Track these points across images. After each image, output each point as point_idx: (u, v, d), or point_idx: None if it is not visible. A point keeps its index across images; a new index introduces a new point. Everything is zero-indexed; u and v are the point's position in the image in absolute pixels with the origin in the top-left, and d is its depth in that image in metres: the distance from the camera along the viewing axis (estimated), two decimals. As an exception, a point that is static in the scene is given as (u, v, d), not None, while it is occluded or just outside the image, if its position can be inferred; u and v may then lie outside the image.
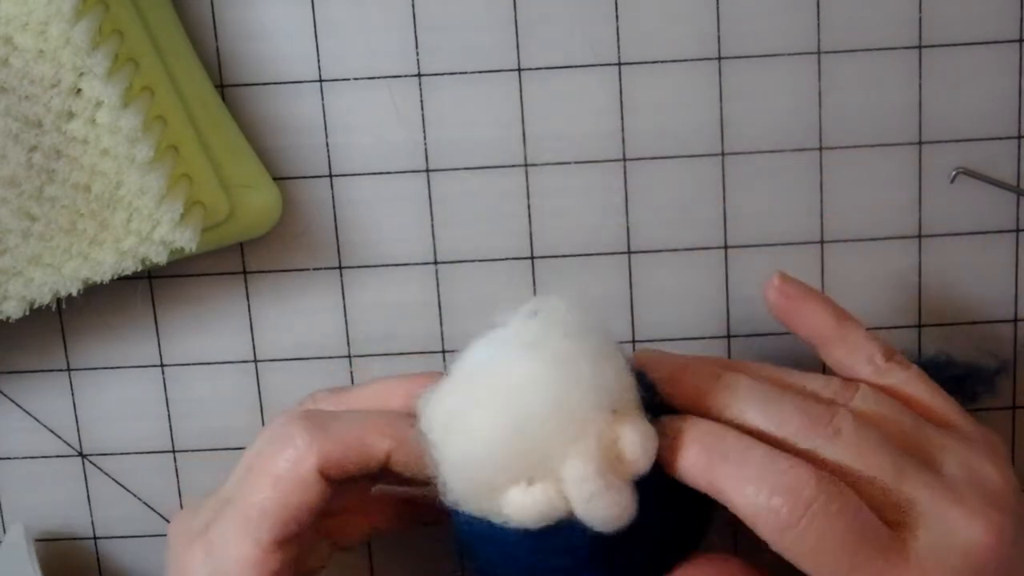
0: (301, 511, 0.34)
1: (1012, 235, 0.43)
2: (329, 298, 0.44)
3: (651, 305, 0.44)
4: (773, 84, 0.42)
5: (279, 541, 0.34)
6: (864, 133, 0.42)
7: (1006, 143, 0.42)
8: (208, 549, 0.35)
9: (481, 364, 0.33)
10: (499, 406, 0.32)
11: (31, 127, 0.38)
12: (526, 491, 0.32)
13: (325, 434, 0.34)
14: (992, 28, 0.41)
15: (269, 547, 0.34)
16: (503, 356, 0.33)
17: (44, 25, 0.37)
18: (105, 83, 0.38)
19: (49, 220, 0.38)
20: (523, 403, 0.31)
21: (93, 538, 0.47)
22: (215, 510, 0.35)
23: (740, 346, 0.44)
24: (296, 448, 0.34)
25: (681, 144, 0.43)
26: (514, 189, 0.43)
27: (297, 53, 0.42)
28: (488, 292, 0.44)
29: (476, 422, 0.32)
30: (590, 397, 0.32)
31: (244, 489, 0.35)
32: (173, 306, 0.45)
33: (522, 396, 0.32)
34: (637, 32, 0.42)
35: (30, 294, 0.39)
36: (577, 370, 0.32)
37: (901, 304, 0.44)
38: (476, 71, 0.42)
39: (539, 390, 0.31)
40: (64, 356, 0.45)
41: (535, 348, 0.32)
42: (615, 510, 0.32)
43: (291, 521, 0.34)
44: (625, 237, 0.44)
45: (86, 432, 0.46)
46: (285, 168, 0.43)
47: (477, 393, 0.32)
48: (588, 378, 0.32)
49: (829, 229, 0.43)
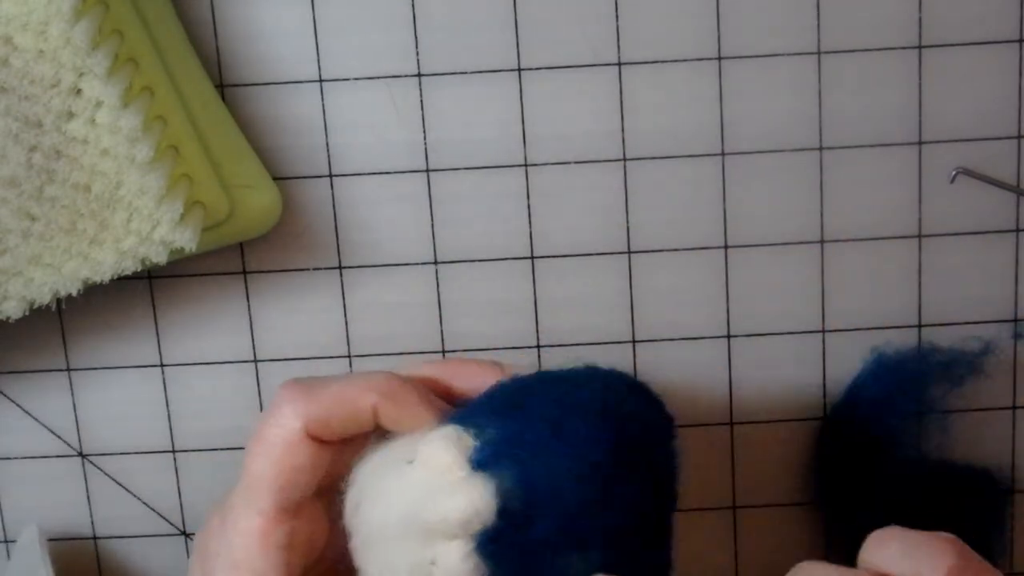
0: (296, 474, 0.34)
1: (1012, 235, 0.43)
2: (329, 298, 0.44)
3: (651, 305, 0.44)
4: (773, 84, 0.42)
5: (281, 509, 0.34)
6: (864, 133, 0.42)
7: (1006, 143, 0.42)
8: (221, 522, 0.35)
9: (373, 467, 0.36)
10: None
11: (31, 127, 0.38)
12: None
13: (308, 396, 0.35)
14: (992, 28, 0.41)
15: (272, 516, 0.34)
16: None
17: (44, 25, 0.37)
18: (105, 83, 0.38)
19: (49, 220, 0.38)
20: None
21: (93, 538, 0.47)
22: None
23: (740, 346, 0.44)
24: (282, 413, 0.35)
25: (681, 144, 0.43)
26: (514, 189, 0.43)
27: (297, 53, 0.42)
28: (488, 292, 0.44)
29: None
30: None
31: (246, 462, 0.35)
32: (173, 306, 0.45)
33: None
34: (637, 32, 0.42)
35: (30, 294, 0.39)
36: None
37: (901, 304, 0.44)
38: (476, 71, 0.42)
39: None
40: (64, 356, 0.45)
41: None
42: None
43: (287, 486, 0.34)
44: (625, 237, 0.44)
45: (86, 432, 0.46)
46: (285, 168, 0.43)
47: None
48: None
49: (829, 229, 0.43)
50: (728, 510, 0.46)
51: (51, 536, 0.47)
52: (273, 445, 0.34)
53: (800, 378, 0.44)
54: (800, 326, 0.44)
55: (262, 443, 0.35)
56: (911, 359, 0.43)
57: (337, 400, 0.35)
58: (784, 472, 0.45)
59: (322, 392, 0.35)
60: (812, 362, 0.44)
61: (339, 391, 0.35)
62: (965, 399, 0.44)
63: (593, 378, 0.36)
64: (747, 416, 0.45)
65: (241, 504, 0.35)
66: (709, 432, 0.45)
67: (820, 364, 0.44)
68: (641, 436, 0.35)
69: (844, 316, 0.44)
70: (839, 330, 0.44)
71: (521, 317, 0.44)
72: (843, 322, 0.44)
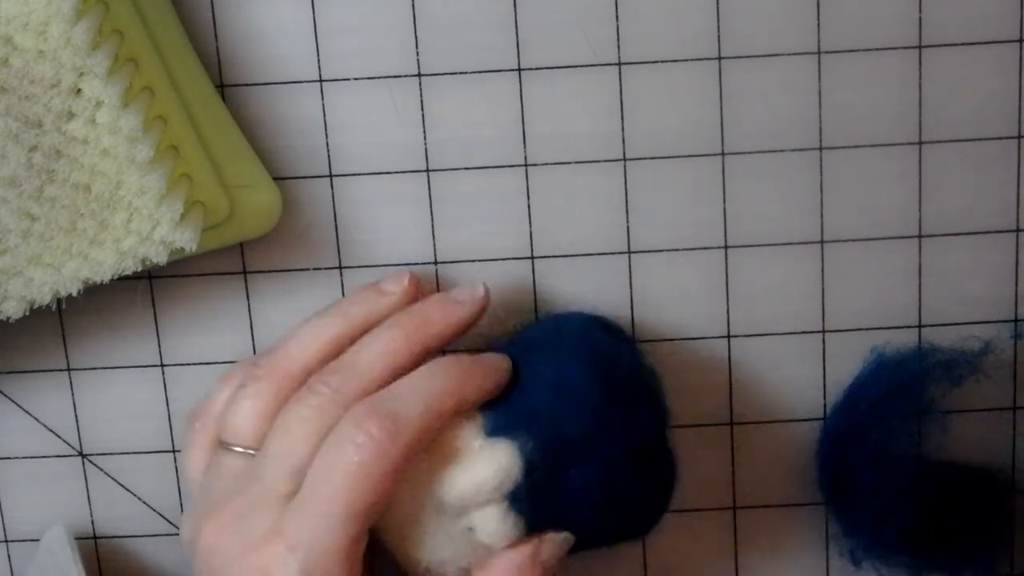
0: (388, 496, 0.36)
1: (1012, 235, 0.43)
2: (329, 298, 0.44)
3: (651, 305, 0.44)
4: (773, 84, 0.42)
5: (364, 530, 0.36)
6: (864, 133, 0.42)
7: (1006, 143, 0.42)
8: (292, 547, 0.35)
9: None
10: None
11: (31, 127, 0.38)
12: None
13: (400, 428, 0.36)
14: (992, 28, 0.41)
15: (357, 537, 0.36)
16: None
17: (44, 25, 0.37)
18: (105, 83, 0.38)
19: (49, 220, 0.38)
20: None
21: (93, 538, 0.47)
22: (274, 510, 0.36)
23: (740, 346, 0.44)
24: (377, 444, 0.35)
25: (681, 144, 0.43)
26: (514, 189, 0.43)
27: (297, 53, 0.42)
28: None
29: None
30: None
31: (317, 487, 0.36)
32: (173, 306, 0.45)
33: None
34: (637, 32, 0.42)
35: (30, 294, 0.39)
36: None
37: (901, 304, 0.44)
38: (476, 71, 0.42)
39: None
40: (64, 356, 0.45)
41: None
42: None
43: (380, 508, 0.36)
44: (625, 237, 0.44)
45: (86, 432, 0.46)
46: (285, 168, 0.43)
47: None
48: None
49: (829, 229, 0.43)
50: (728, 510, 0.46)
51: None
52: (368, 476, 0.35)
53: (800, 378, 0.44)
54: (800, 326, 0.44)
55: (349, 472, 0.35)
56: (911, 359, 0.43)
57: (428, 421, 0.36)
58: (784, 472, 0.45)
59: (411, 420, 0.36)
60: (812, 362, 0.44)
61: (426, 412, 0.36)
62: (965, 399, 0.44)
63: (570, 333, 0.41)
64: (747, 416, 0.45)
65: (322, 527, 0.35)
66: (709, 432, 0.45)
67: (820, 364, 0.44)
68: (624, 371, 0.40)
69: (844, 316, 0.44)
70: (839, 330, 0.44)
71: (521, 317, 0.44)
72: (843, 322, 0.44)
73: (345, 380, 0.38)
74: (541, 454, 0.38)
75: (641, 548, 0.46)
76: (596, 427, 0.38)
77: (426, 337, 0.39)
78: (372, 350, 0.39)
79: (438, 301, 0.41)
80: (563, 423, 0.38)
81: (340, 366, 0.39)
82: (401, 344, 0.39)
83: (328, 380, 0.38)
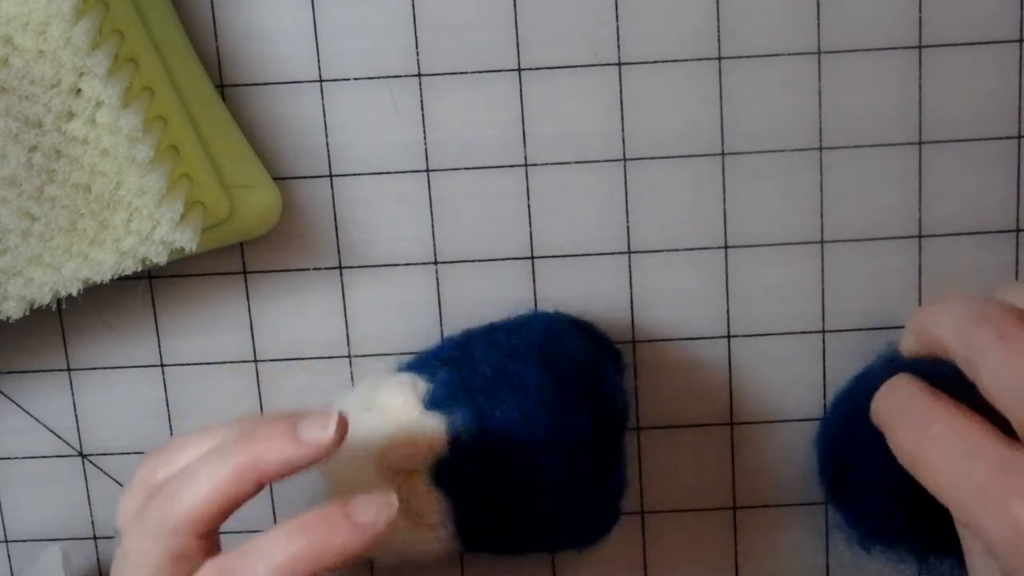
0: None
1: (1012, 235, 0.43)
2: (329, 298, 0.44)
3: (651, 305, 0.44)
4: (773, 84, 0.42)
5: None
6: (864, 133, 0.42)
7: (1006, 143, 0.42)
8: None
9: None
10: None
11: (31, 127, 0.38)
12: None
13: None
14: (992, 28, 0.41)
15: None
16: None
17: (44, 25, 0.37)
18: (105, 83, 0.38)
19: (49, 220, 0.38)
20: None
21: (93, 538, 0.47)
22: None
23: (740, 346, 0.44)
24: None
25: (681, 144, 0.43)
26: (514, 189, 0.43)
27: (297, 53, 0.42)
28: (488, 292, 0.44)
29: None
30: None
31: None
32: (173, 306, 0.45)
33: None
34: (637, 32, 0.42)
35: (30, 294, 0.39)
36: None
37: (901, 304, 0.44)
38: (476, 71, 0.42)
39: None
40: (64, 356, 0.45)
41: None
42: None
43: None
44: (625, 237, 0.44)
45: (86, 432, 0.46)
46: (285, 168, 0.43)
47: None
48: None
49: (829, 229, 0.43)
50: (728, 510, 0.46)
51: (51, 536, 0.47)
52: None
53: (800, 378, 0.45)
54: (800, 326, 0.44)
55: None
56: (911, 359, 0.43)
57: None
58: (784, 472, 0.45)
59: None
60: (812, 362, 0.44)
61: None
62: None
63: (532, 324, 0.41)
64: (747, 416, 0.45)
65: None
66: (709, 432, 0.45)
67: (820, 364, 0.44)
68: (583, 371, 0.40)
69: (844, 316, 0.44)
70: (839, 330, 0.44)
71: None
72: (843, 322, 0.44)
73: (171, 508, 0.35)
74: (468, 436, 0.38)
75: (641, 548, 0.46)
76: (533, 424, 0.38)
77: (259, 476, 0.35)
78: (199, 483, 0.34)
79: (281, 433, 0.34)
80: (498, 410, 0.38)
81: (169, 491, 0.35)
82: (229, 479, 0.34)
83: (152, 508, 0.35)
